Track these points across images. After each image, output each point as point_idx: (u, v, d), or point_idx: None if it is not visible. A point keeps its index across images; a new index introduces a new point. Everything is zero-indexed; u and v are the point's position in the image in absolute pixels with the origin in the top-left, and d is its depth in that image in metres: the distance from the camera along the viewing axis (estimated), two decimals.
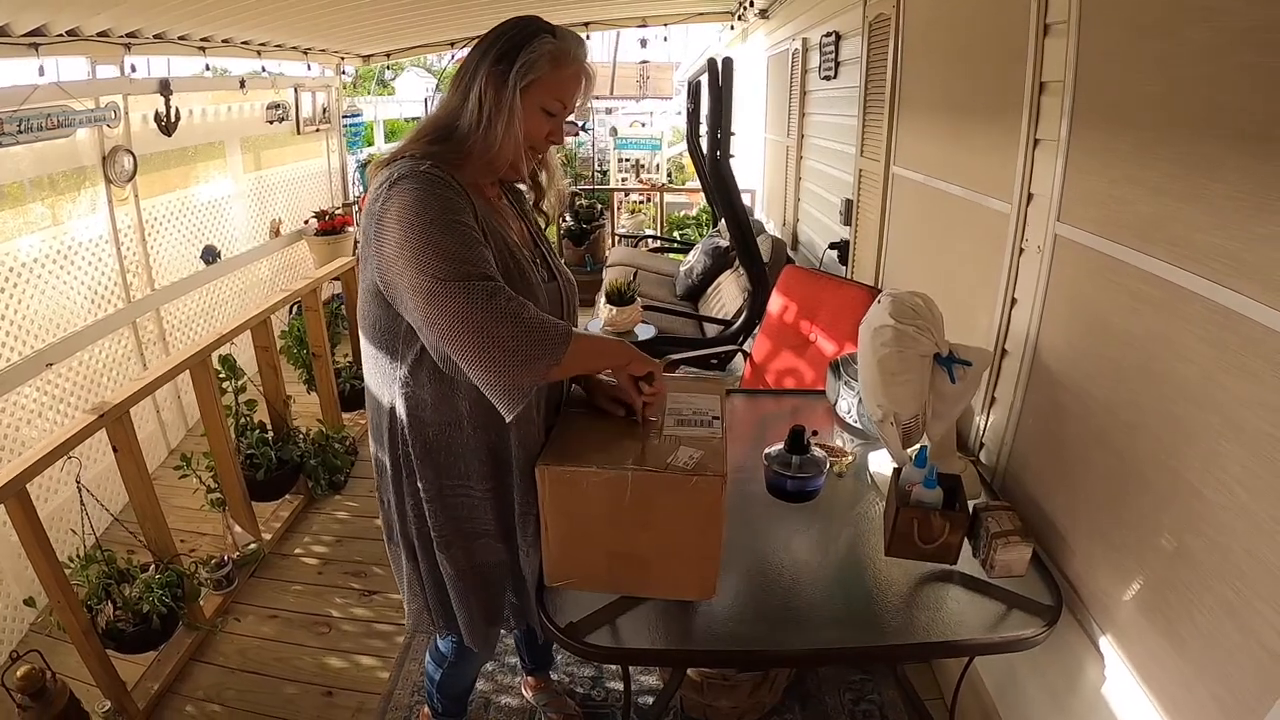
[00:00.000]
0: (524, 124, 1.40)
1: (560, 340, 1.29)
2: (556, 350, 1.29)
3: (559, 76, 1.40)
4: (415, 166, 1.33)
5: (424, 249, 1.27)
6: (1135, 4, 1.46)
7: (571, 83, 1.43)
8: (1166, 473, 1.37)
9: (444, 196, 1.31)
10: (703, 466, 1.36)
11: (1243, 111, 1.19)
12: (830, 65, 3.87)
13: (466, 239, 1.29)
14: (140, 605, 2.35)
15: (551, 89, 1.40)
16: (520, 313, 1.27)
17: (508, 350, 1.25)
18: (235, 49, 4.65)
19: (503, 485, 1.52)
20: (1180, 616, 1.33)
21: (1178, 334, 1.34)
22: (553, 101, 1.42)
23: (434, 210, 1.29)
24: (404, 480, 1.52)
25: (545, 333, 1.28)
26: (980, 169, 2.13)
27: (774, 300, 3.35)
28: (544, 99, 1.41)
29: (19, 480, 2.00)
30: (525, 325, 1.26)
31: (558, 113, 1.44)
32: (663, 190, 8.26)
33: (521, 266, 1.44)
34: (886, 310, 1.70)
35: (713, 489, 1.34)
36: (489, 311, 1.25)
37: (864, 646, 1.50)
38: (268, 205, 5.57)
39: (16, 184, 3.32)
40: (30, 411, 3.26)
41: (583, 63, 1.44)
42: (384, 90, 10.44)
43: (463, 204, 1.33)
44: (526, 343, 1.26)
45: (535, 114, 1.42)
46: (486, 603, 1.63)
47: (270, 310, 3.28)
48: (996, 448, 2.02)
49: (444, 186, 1.32)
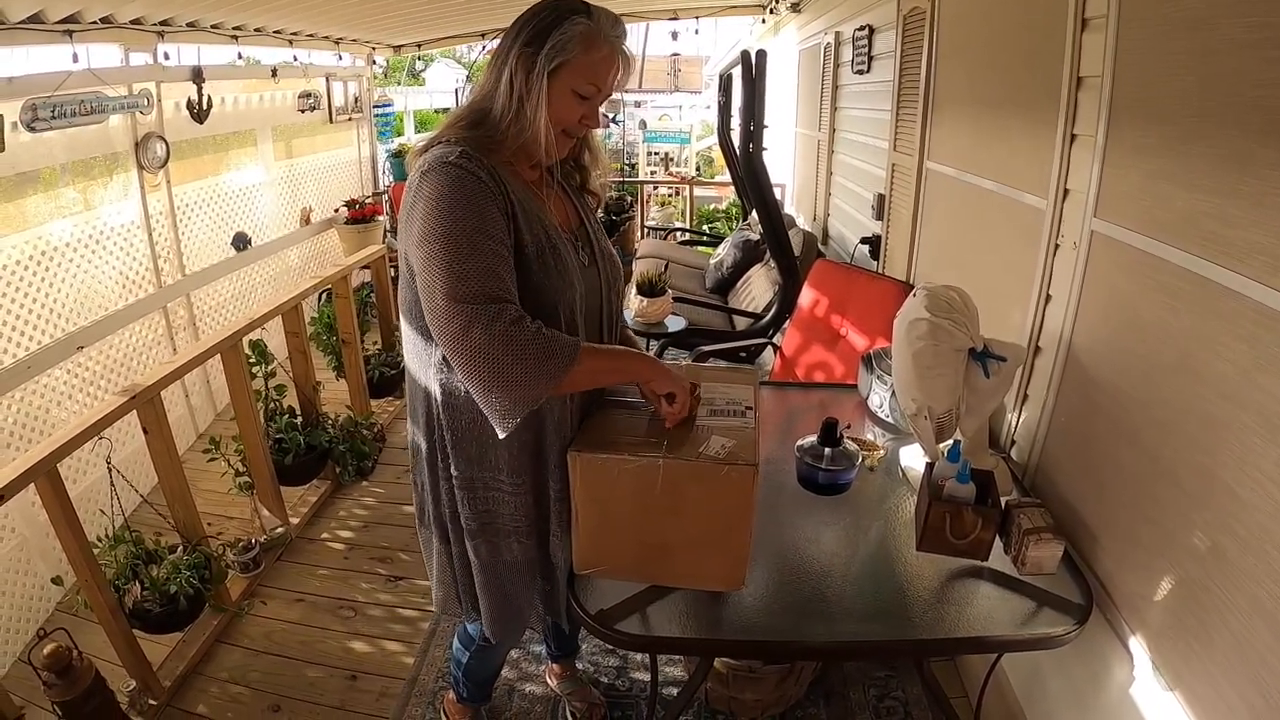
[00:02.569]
0: (555, 107, 1.38)
1: (561, 364, 1.30)
2: (555, 374, 1.30)
3: (590, 59, 1.37)
4: (445, 156, 1.33)
5: (435, 264, 1.28)
6: None
7: (604, 65, 1.39)
8: (1200, 472, 1.35)
9: (467, 196, 1.31)
10: (735, 456, 1.35)
11: (1276, 107, 1.17)
12: (863, 59, 3.84)
13: (479, 252, 1.29)
14: (167, 586, 2.38)
15: (583, 71, 1.38)
16: (518, 336, 1.27)
17: (502, 374, 1.27)
18: (267, 38, 4.68)
19: (535, 480, 1.52)
20: (1212, 618, 1.31)
21: (1213, 331, 1.32)
22: (584, 84, 1.39)
23: (452, 218, 1.29)
24: (439, 463, 1.53)
25: (546, 357, 1.28)
26: (1016, 164, 2.10)
27: (805, 294, 3.34)
28: (575, 82, 1.38)
29: (50, 459, 2.03)
30: (523, 350, 1.27)
31: (591, 95, 1.41)
32: (692, 183, 8.23)
33: (558, 250, 1.43)
34: (922, 304, 1.69)
35: (744, 479, 1.34)
36: (490, 335, 1.26)
37: (892, 640, 1.49)
38: (298, 193, 5.61)
39: (50, 169, 3.36)
40: (60, 394, 3.31)
41: (617, 44, 1.40)
42: (415, 81, 10.50)
43: (487, 199, 1.32)
44: (522, 369, 1.27)
45: (567, 97, 1.39)
46: (510, 597, 1.64)
47: (300, 297, 3.30)
48: (1028, 445, 2.00)
49: (469, 182, 1.31)
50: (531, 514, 1.55)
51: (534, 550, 1.59)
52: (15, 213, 3.19)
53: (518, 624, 1.70)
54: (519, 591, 1.64)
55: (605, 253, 1.60)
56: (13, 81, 3.00)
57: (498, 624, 1.65)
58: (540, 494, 1.54)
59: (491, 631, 1.67)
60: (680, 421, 1.47)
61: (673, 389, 1.44)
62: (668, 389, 1.44)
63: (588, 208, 1.64)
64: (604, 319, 1.58)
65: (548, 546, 1.59)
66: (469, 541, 1.56)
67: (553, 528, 1.56)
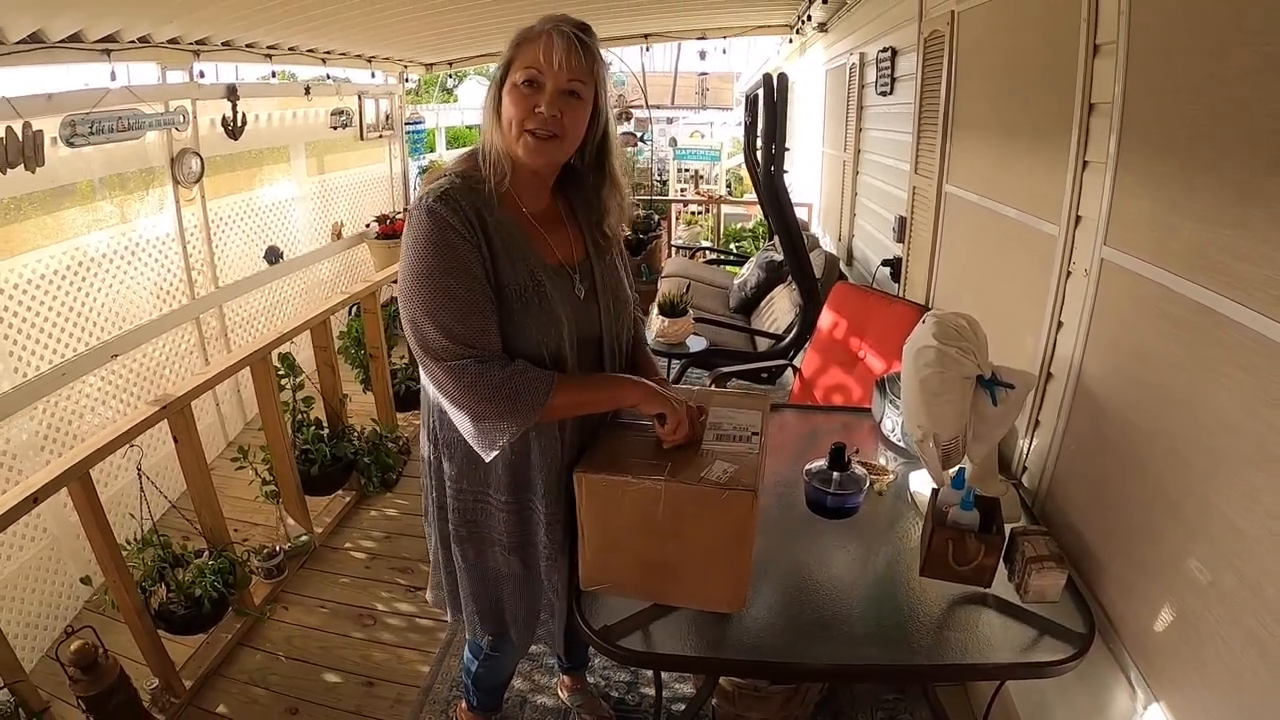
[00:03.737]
0: (508, 110, 1.38)
1: (533, 402, 1.37)
2: (528, 411, 1.37)
3: (523, 50, 1.38)
4: (426, 198, 1.38)
5: (413, 315, 1.38)
6: (1184, 25, 1.44)
7: (534, 47, 1.37)
8: (1201, 503, 1.35)
9: (439, 241, 1.35)
10: (735, 480, 1.38)
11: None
12: (886, 80, 3.86)
13: (452, 300, 1.35)
14: (192, 589, 2.45)
15: (520, 62, 1.38)
16: (487, 383, 1.36)
17: (478, 417, 1.39)
18: (301, 56, 4.81)
19: (519, 500, 1.56)
20: (1209, 651, 1.31)
21: (1217, 362, 1.32)
22: (522, 71, 1.37)
23: (427, 267, 1.36)
24: (436, 468, 1.63)
25: (515, 398, 1.36)
26: (1029, 190, 2.11)
27: (824, 316, 3.36)
28: (516, 76, 1.37)
29: (83, 465, 2.11)
30: (494, 394, 1.36)
31: (532, 80, 1.37)
32: (720, 202, 8.26)
33: (543, 289, 1.44)
34: (930, 331, 1.70)
35: (744, 503, 1.36)
36: (461, 387, 1.37)
37: (896, 665, 1.50)
38: (330, 208, 5.72)
39: (87, 182, 3.48)
40: (94, 399, 3.42)
41: (551, 28, 1.37)
42: (447, 98, 10.62)
43: (460, 242, 1.36)
44: (495, 410, 1.37)
45: (511, 93, 1.38)
46: (494, 602, 1.70)
47: (329, 311, 3.38)
48: (1039, 471, 2.00)
49: (441, 227, 1.35)
50: (516, 531, 1.59)
51: (519, 567, 1.63)
52: (53, 224, 3.31)
53: (505, 630, 1.74)
54: (503, 599, 1.68)
55: (609, 285, 1.59)
56: (52, 98, 3.11)
57: (482, 629, 1.72)
58: (526, 514, 1.58)
59: (477, 635, 1.74)
60: (687, 443, 1.49)
61: (662, 409, 1.47)
62: (657, 410, 1.47)
63: (600, 239, 1.61)
64: (604, 350, 1.58)
65: (538, 567, 1.62)
66: (455, 546, 1.64)
67: (543, 550, 1.59)
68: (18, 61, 2.87)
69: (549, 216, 1.54)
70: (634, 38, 6.28)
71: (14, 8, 2.59)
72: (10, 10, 2.61)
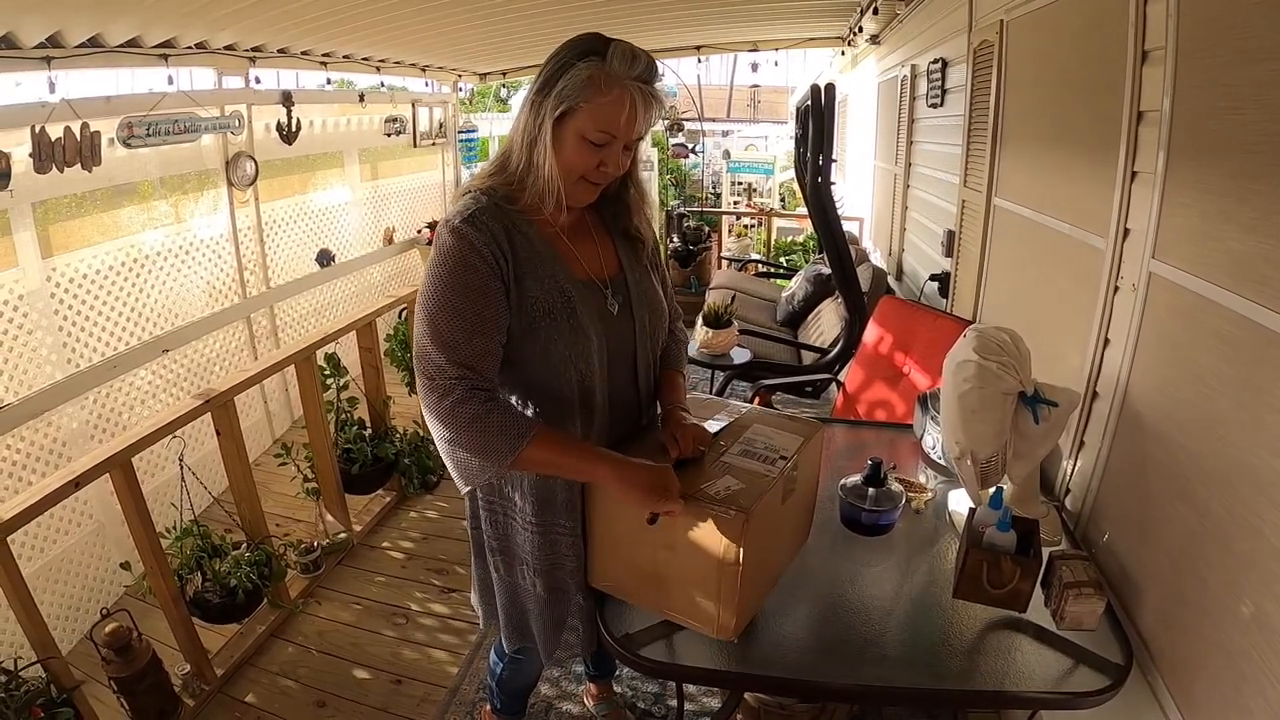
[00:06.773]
0: (567, 155, 1.34)
1: (503, 449, 1.33)
2: (497, 456, 1.34)
3: (597, 104, 1.30)
4: (454, 218, 1.37)
5: (420, 329, 1.38)
6: (1235, 28, 1.38)
7: (613, 109, 1.30)
8: (1250, 532, 1.28)
9: (459, 263, 1.34)
10: (732, 500, 1.33)
11: None
12: (937, 92, 3.80)
13: (460, 319, 1.34)
14: (229, 579, 2.49)
15: (591, 118, 1.31)
16: (461, 416, 1.33)
17: (448, 444, 1.39)
18: (355, 64, 4.89)
19: (543, 522, 1.54)
20: (1251, 689, 1.24)
21: (1266, 381, 1.25)
22: (594, 131, 1.32)
23: (443, 285, 1.35)
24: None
25: (483, 439, 1.34)
26: (1077, 203, 2.05)
27: (870, 330, 3.31)
28: (584, 128, 1.31)
29: (125, 453, 2.17)
30: (465, 428, 1.34)
31: (604, 142, 1.34)
32: (771, 215, 8.21)
33: (572, 305, 1.42)
34: (971, 345, 1.66)
35: (733, 525, 1.30)
36: (440, 409, 1.35)
37: (924, 689, 1.45)
38: (382, 214, 5.81)
39: (145, 183, 3.59)
40: (144, 393, 3.52)
41: (630, 86, 1.30)
42: (501, 107, 10.70)
43: (481, 264, 1.34)
44: (464, 443, 1.36)
45: (578, 143, 1.33)
46: (521, 615, 1.70)
47: (375, 314, 3.43)
48: (1082, 493, 1.94)
49: (464, 248, 1.34)
50: (542, 554, 1.56)
51: (544, 589, 1.60)
52: (110, 222, 3.43)
53: (531, 643, 1.73)
54: (530, 612, 1.67)
55: (646, 298, 1.55)
56: (110, 100, 3.22)
57: (511, 639, 1.73)
58: (552, 537, 1.56)
59: (508, 643, 1.75)
60: (698, 457, 1.47)
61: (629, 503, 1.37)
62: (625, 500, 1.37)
63: (635, 251, 1.58)
64: (638, 367, 1.55)
65: (566, 584, 1.60)
66: (489, 557, 1.65)
67: (569, 567, 1.57)
68: (77, 65, 2.96)
69: (578, 230, 1.51)
70: (686, 49, 6.26)
71: (74, 11, 2.67)
72: (70, 15, 2.70)
